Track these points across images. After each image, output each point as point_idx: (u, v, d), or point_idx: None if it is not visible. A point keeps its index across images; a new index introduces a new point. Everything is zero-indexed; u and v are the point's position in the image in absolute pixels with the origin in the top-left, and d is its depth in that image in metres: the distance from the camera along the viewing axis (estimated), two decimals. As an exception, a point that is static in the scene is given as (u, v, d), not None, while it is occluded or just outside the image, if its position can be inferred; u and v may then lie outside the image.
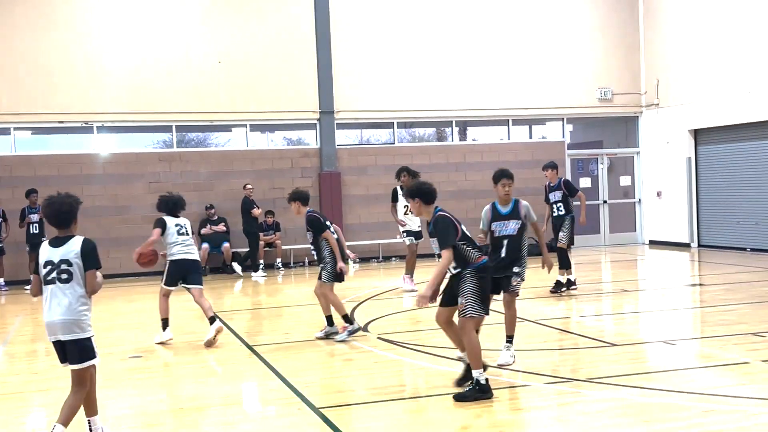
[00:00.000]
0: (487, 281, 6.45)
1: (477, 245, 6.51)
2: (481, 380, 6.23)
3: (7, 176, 16.25)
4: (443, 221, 6.41)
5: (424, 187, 6.60)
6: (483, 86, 19.24)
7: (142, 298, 13.73)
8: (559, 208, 12.05)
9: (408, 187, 6.74)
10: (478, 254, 6.42)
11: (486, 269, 6.46)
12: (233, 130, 18.64)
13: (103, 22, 16.99)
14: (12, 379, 7.72)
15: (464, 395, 6.25)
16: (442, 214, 6.47)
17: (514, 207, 7.50)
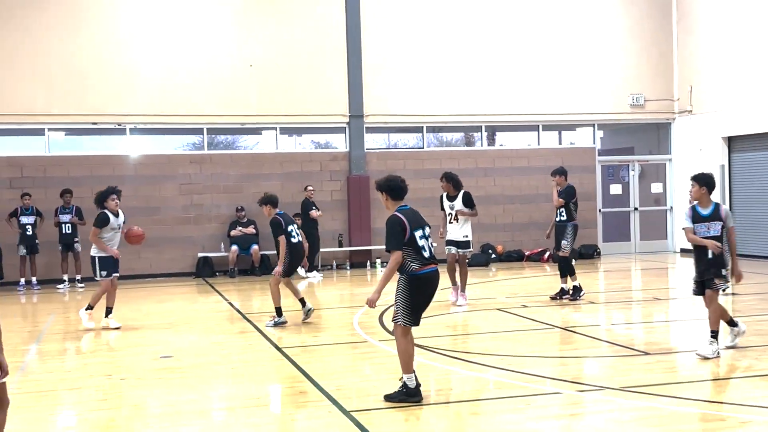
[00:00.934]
0: (424, 291, 6.36)
1: (425, 255, 6.35)
2: (409, 384, 6.31)
3: (41, 176, 16.46)
4: (391, 222, 6.37)
5: (392, 182, 6.58)
6: (513, 91, 19.16)
7: (172, 298, 13.84)
8: (561, 214, 11.86)
9: (377, 180, 6.72)
10: (419, 264, 6.32)
11: (427, 279, 6.35)
12: (263, 132, 18.73)
13: (135, 24, 17.17)
14: (45, 377, 7.80)
15: (392, 396, 6.36)
16: (395, 215, 6.41)
17: (715, 210, 7.72)
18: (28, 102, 16.52)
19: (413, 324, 6.39)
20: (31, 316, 12.29)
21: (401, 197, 6.57)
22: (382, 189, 6.57)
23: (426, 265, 6.36)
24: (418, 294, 6.34)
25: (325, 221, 18.14)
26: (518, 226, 18.76)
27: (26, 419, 6.20)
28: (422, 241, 6.39)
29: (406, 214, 6.44)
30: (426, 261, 6.37)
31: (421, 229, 6.44)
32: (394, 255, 6.31)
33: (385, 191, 6.55)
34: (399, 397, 6.33)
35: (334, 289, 15.19)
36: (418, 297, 6.34)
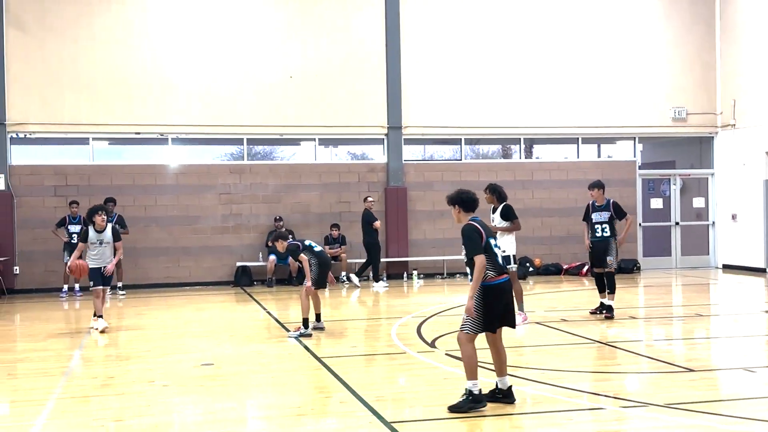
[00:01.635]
0: (498, 300, 6.43)
1: (499, 263, 6.49)
2: (474, 390, 6.36)
3: (85, 185, 16.76)
4: (468, 229, 6.51)
5: (464, 195, 6.71)
6: (552, 104, 19.07)
7: (211, 306, 13.97)
8: (604, 230, 11.61)
9: (449, 194, 6.85)
10: (494, 273, 6.44)
11: (501, 289, 6.44)
12: (301, 143, 18.87)
13: (179, 37, 17.45)
14: (89, 383, 7.91)
15: (458, 406, 6.34)
16: (470, 223, 6.56)
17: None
18: (73, 112, 16.86)
19: (479, 332, 6.48)
20: (74, 323, 12.47)
21: (473, 209, 6.73)
22: (455, 202, 6.72)
23: (500, 275, 6.50)
24: (492, 303, 6.44)
25: (361, 232, 18.19)
26: (556, 240, 18.63)
27: (71, 424, 6.30)
28: (496, 249, 6.56)
29: (479, 222, 6.62)
30: (500, 270, 6.51)
31: (493, 238, 6.61)
32: (478, 259, 6.39)
33: (458, 204, 6.70)
34: (467, 406, 6.34)
35: (371, 300, 15.19)
36: (491, 306, 6.44)
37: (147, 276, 17.13)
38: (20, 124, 16.69)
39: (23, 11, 16.67)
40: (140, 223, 16.96)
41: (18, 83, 16.59)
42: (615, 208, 11.68)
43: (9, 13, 16.56)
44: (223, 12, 17.69)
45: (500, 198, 11.32)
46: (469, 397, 6.37)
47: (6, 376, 8.30)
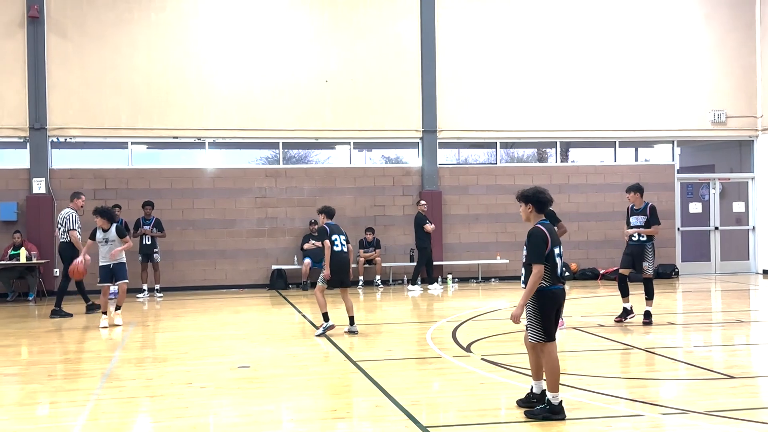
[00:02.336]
0: (551, 306, 6.34)
1: (556, 272, 6.36)
2: (554, 402, 6.27)
3: (123, 188, 17.02)
4: (536, 235, 6.36)
5: (540, 194, 6.53)
6: (589, 107, 18.92)
7: (247, 309, 14.08)
8: (641, 234, 11.46)
9: (524, 191, 6.68)
10: (550, 281, 6.33)
11: (554, 295, 6.35)
12: (336, 147, 18.94)
13: (215, 42, 17.64)
14: (128, 384, 8.01)
15: (533, 413, 6.32)
16: (539, 228, 6.40)
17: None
18: (112, 116, 17.13)
19: (549, 339, 6.37)
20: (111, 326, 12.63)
21: (544, 211, 6.54)
22: (529, 200, 6.53)
23: (556, 282, 6.37)
24: (549, 309, 6.36)
25: (397, 236, 18.25)
26: (593, 244, 18.47)
27: (111, 425, 6.38)
28: (558, 258, 6.40)
29: (547, 228, 6.43)
30: (556, 279, 6.38)
31: (558, 246, 6.44)
32: (536, 268, 6.26)
33: (532, 203, 6.51)
34: (542, 414, 6.27)
35: (406, 304, 15.18)
36: (549, 312, 6.36)
37: (184, 278, 17.33)
38: (61, 128, 17.00)
39: (64, 18, 16.98)
40: (177, 227, 17.16)
41: (59, 89, 16.90)
42: (651, 212, 11.50)
43: (50, 19, 16.89)
44: (259, 17, 17.85)
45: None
46: (547, 406, 6.30)
47: (47, 377, 8.44)
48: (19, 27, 16.76)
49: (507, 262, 18.32)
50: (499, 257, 18.43)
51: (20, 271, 16.11)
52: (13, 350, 10.45)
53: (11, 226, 16.51)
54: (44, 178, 16.80)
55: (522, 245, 6.66)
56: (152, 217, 16.41)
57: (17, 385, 8.13)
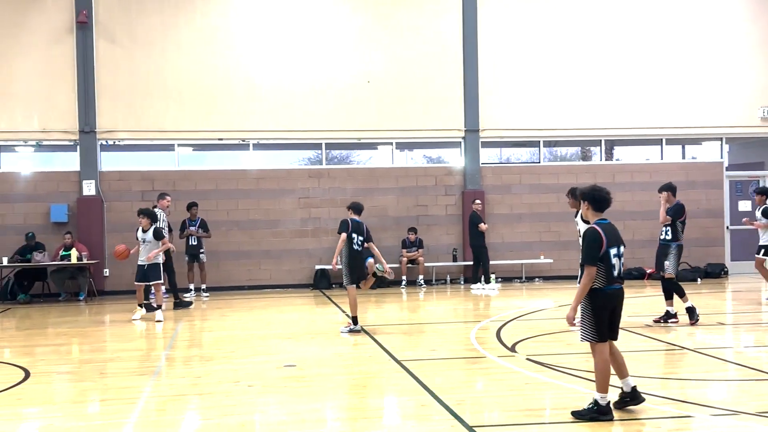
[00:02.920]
0: (606, 306, 6.23)
1: (614, 273, 6.24)
2: (601, 402, 6.19)
3: (170, 190, 17.22)
4: (591, 235, 6.23)
5: (597, 192, 6.42)
6: (634, 104, 18.68)
7: (292, 309, 14.21)
8: (666, 233, 11.28)
9: (582, 188, 6.60)
10: (605, 281, 6.22)
11: (610, 295, 6.24)
12: (378, 147, 18.99)
13: (259, 44, 17.82)
14: (177, 382, 8.16)
15: (581, 413, 6.23)
16: (595, 228, 6.26)
17: None
18: (159, 119, 17.43)
19: (600, 339, 6.26)
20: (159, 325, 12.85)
21: (603, 210, 6.41)
22: (586, 198, 6.44)
23: (612, 283, 6.26)
24: (601, 309, 6.23)
25: (439, 236, 18.24)
26: (639, 243, 18.18)
27: (162, 422, 6.51)
28: (615, 259, 6.26)
29: (604, 228, 6.28)
30: (613, 279, 6.26)
31: (617, 247, 6.30)
32: (588, 270, 6.15)
33: (588, 201, 6.42)
34: (590, 415, 6.19)
35: (449, 304, 15.17)
36: (601, 312, 6.23)
37: (229, 278, 17.55)
38: (109, 131, 17.35)
39: (112, 23, 17.33)
40: (222, 227, 17.38)
41: (107, 92, 17.25)
42: (675, 210, 11.28)
43: (99, 25, 17.25)
44: (302, 19, 17.99)
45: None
46: (595, 406, 6.20)
47: (98, 375, 8.63)
48: (69, 33, 17.15)
49: (551, 261, 18.18)
50: (542, 257, 18.29)
51: (71, 271, 16.49)
52: (65, 349, 10.71)
53: (62, 228, 16.90)
54: (94, 181, 17.16)
55: (566, 244, 6.63)
56: (198, 217, 16.64)
57: (70, 383, 8.34)
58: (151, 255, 12.72)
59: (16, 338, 11.82)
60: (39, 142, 17.34)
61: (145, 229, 12.93)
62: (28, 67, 17.05)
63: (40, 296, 16.72)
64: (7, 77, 16.99)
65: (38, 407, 7.11)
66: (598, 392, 6.26)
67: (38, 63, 17.08)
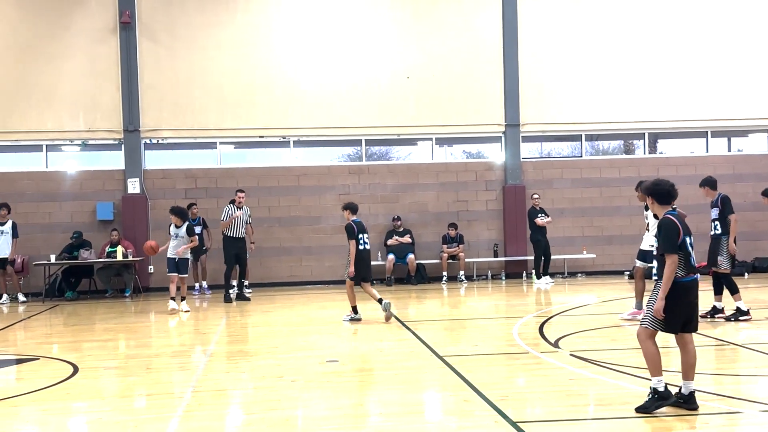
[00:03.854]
0: (683, 299, 6.19)
1: (689, 262, 6.24)
2: (659, 388, 6.14)
3: (213, 187, 17.50)
4: (667, 224, 6.25)
5: (659, 186, 6.45)
6: (678, 96, 18.37)
7: (333, 304, 14.26)
8: (716, 227, 11.09)
9: (645, 183, 6.62)
10: (684, 271, 6.19)
11: (689, 288, 6.19)
12: (418, 143, 18.96)
13: (299, 42, 17.92)
14: (221, 377, 8.24)
15: (644, 406, 6.15)
16: (669, 218, 6.29)
17: None
18: (202, 117, 17.64)
19: (660, 329, 6.28)
20: (203, 319, 13.02)
21: (669, 202, 6.45)
22: (650, 193, 6.50)
23: (690, 273, 6.28)
24: (676, 302, 6.21)
25: (480, 231, 18.15)
26: (684, 238, 17.90)
27: (208, 416, 6.58)
28: (690, 248, 6.30)
29: (677, 218, 6.33)
30: (690, 268, 6.28)
31: (690, 236, 6.34)
32: (670, 258, 6.16)
33: (652, 196, 6.47)
34: (654, 405, 6.15)
35: (491, 300, 15.10)
36: (676, 305, 6.22)
37: (271, 275, 17.69)
38: (153, 130, 17.60)
39: (155, 23, 17.57)
40: (264, 224, 17.52)
41: (151, 92, 17.50)
42: (722, 203, 11.13)
43: (142, 25, 17.50)
44: (341, 16, 18.03)
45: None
46: (655, 395, 6.16)
47: (145, 370, 8.77)
48: (112, 33, 17.43)
49: (594, 256, 17.98)
50: (585, 252, 18.10)
51: (117, 268, 16.77)
52: (112, 344, 10.89)
53: (108, 225, 17.21)
54: (138, 179, 17.44)
55: (609, 239, 6.59)
56: (198, 216, 16.79)
57: (117, 378, 8.48)
58: (180, 250, 13.41)
59: (64, 334, 12.07)
60: (85, 142, 17.67)
61: (177, 226, 13.61)
62: (74, 67, 17.37)
63: (86, 293, 17.06)
64: (54, 78, 17.34)
65: (87, 401, 7.24)
66: (652, 377, 6.19)
67: (83, 64, 17.39)
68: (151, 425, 6.32)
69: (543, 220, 16.90)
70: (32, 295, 16.60)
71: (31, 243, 16.59)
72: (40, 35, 17.29)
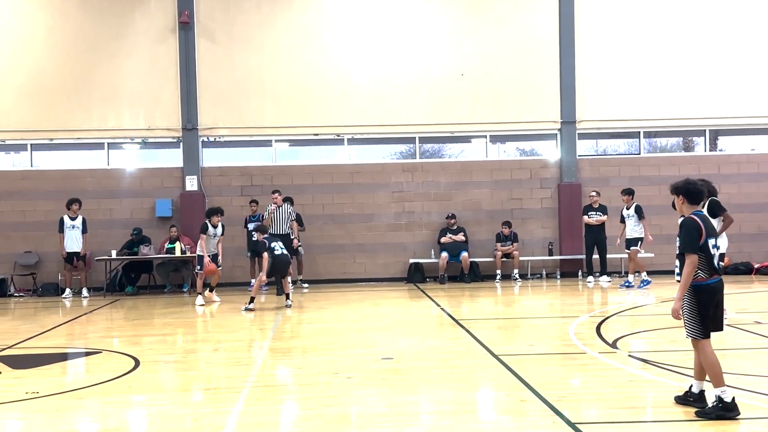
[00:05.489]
0: (709, 301, 6.12)
1: (712, 263, 6.14)
2: (725, 398, 5.99)
3: (268, 185, 17.68)
4: (689, 224, 6.20)
5: (691, 185, 6.38)
6: (740, 91, 17.92)
7: (387, 302, 14.30)
8: None
9: (675, 182, 6.56)
10: (707, 273, 6.11)
11: (712, 289, 6.12)
12: (472, 141, 18.86)
13: (353, 40, 18.00)
14: (278, 373, 8.35)
15: (705, 412, 6.09)
16: (692, 218, 6.23)
17: None
18: (257, 116, 17.86)
19: (705, 336, 6.18)
20: (260, 316, 13.18)
21: (698, 202, 6.41)
22: (680, 192, 6.43)
23: (713, 275, 6.20)
24: (704, 304, 6.16)
25: (534, 229, 17.99)
26: (747, 237, 17.47)
27: (266, 411, 6.67)
28: (714, 250, 6.22)
29: (701, 218, 6.27)
30: (713, 270, 6.20)
31: (714, 238, 6.26)
32: (690, 258, 6.11)
33: (683, 194, 6.40)
34: (716, 413, 6.06)
35: (546, 299, 14.95)
36: (705, 307, 6.16)
37: (325, 271, 17.82)
38: (210, 128, 17.89)
39: (212, 22, 17.84)
40: (318, 221, 17.66)
41: (208, 90, 17.78)
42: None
43: (200, 25, 17.79)
44: (394, 14, 18.05)
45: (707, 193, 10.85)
46: (719, 404, 6.07)
47: (204, 364, 8.93)
48: (171, 32, 17.76)
49: (652, 255, 17.64)
50: (643, 251, 17.75)
51: (176, 264, 17.10)
52: (171, 339, 11.11)
53: (167, 222, 17.56)
54: (196, 176, 17.74)
55: (668, 238, 6.49)
56: (295, 212, 16.95)
57: (177, 372, 8.65)
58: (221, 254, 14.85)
59: (124, 328, 12.36)
60: (145, 140, 18.05)
61: (215, 225, 14.51)
62: (134, 67, 17.75)
63: (146, 288, 17.44)
64: (115, 77, 17.75)
65: (148, 395, 7.40)
66: (715, 388, 6.08)
67: (143, 63, 17.76)
68: (211, 419, 6.43)
69: (591, 219, 16.64)
70: (93, 289, 17.03)
71: (93, 239, 17.01)
72: (102, 35, 17.72)
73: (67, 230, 16.22)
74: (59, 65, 17.69)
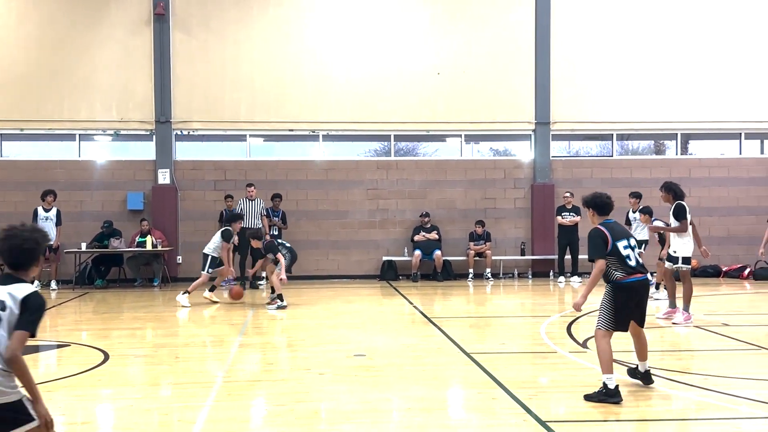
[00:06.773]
0: (628, 299, 6.62)
1: (631, 263, 6.62)
2: (609, 385, 6.51)
3: (242, 179, 17.58)
4: (593, 234, 6.75)
5: (598, 199, 6.92)
6: (711, 97, 18.16)
7: (360, 299, 14.30)
8: None
9: (584, 196, 7.13)
10: (623, 274, 6.61)
11: (630, 288, 6.60)
12: (447, 140, 18.89)
13: (330, 36, 17.94)
14: (250, 368, 8.31)
15: (590, 396, 6.60)
16: (597, 227, 6.78)
17: None
18: (232, 110, 17.74)
19: (613, 329, 6.71)
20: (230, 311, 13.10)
21: (606, 213, 6.94)
22: (589, 205, 6.99)
23: (631, 275, 6.65)
24: (622, 302, 6.64)
25: (507, 229, 18.09)
26: (715, 240, 17.69)
27: (237, 406, 6.64)
28: (626, 250, 6.70)
29: (608, 226, 6.81)
30: (632, 270, 6.66)
31: (625, 239, 6.76)
32: (597, 263, 6.68)
33: (592, 207, 6.95)
34: (599, 397, 6.54)
35: (517, 298, 15.05)
36: (622, 305, 6.65)
37: (298, 268, 17.60)
38: (184, 121, 17.74)
39: (188, 15, 17.69)
40: (292, 217, 17.59)
41: (183, 83, 17.63)
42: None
43: (175, 17, 17.63)
44: (372, 11, 18.03)
45: (675, 196, 11.00)
46: (603, 390, 6.54)
47: (174, 359, 8.86)
48: (146, 24, 17.57)
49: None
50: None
51: (147, 257, 16.94)
52: (141, 333, 11.02)
53: (138, 215, 17.38)
54: (169, 170, 17.59)
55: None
56: (280, 209, 16.96)
57: (147, 366, 8.58)
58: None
59: (94, 321, 12.22)
60: (117, 132, 17.85)
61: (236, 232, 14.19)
62: (108, 58, 17.54)
63: (116, 281, 17.25)
64: (88, 68, 17.52)
65: (117, 388, 7.33)
66: (603, 374, 6.57)
67: (117, 55, 17.56)
68: (181, 413, 6.38)
69: (564, 219, 16.80)
70: (62, 282, 16.81)
71: (63, 230, 16.78)
72: (75, 25, 17.48)
73: (40, 222, 15.98)
74: (31, 55, 17.43)
